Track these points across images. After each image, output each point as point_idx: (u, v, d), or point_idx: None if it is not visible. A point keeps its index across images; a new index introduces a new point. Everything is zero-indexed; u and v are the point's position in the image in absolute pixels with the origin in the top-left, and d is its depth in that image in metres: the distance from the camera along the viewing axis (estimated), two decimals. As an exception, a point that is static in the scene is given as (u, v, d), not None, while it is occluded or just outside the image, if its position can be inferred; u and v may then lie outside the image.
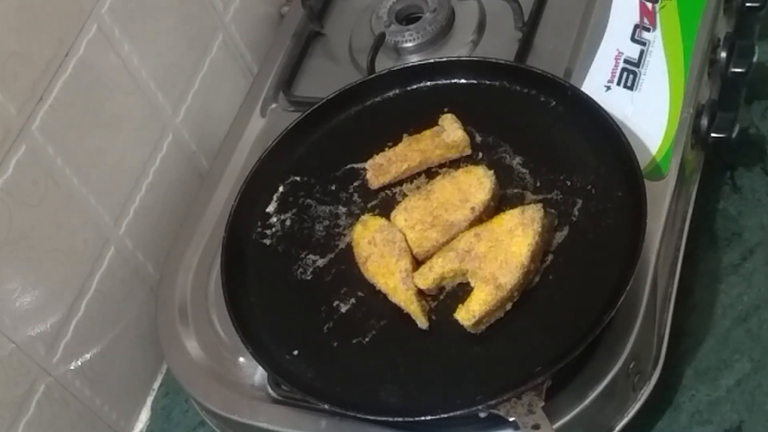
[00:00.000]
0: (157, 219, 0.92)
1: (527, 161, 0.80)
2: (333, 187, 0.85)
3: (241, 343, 0.75)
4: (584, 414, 0.70)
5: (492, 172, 0.78)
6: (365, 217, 0.80)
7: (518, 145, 0.81)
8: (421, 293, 0.74)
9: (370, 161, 0.83)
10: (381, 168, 0.82)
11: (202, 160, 0.98)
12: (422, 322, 0.73)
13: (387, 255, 0.76)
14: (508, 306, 0.72)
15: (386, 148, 0.84)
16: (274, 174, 0.86)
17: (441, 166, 0.82)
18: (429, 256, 0.76)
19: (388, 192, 0.83)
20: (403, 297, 0.74)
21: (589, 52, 0.86)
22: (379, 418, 0.71)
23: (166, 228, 0.92)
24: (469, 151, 0.82)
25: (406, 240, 0.77)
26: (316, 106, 0.88)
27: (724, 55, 0.90)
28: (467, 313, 0.71)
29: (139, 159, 0.90)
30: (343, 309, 0.76)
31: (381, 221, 0.79)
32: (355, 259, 0.78)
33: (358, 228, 0.79)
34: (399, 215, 0.78)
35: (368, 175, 0.83)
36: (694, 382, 0.79)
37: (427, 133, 0.83)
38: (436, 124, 0.83)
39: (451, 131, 0.82)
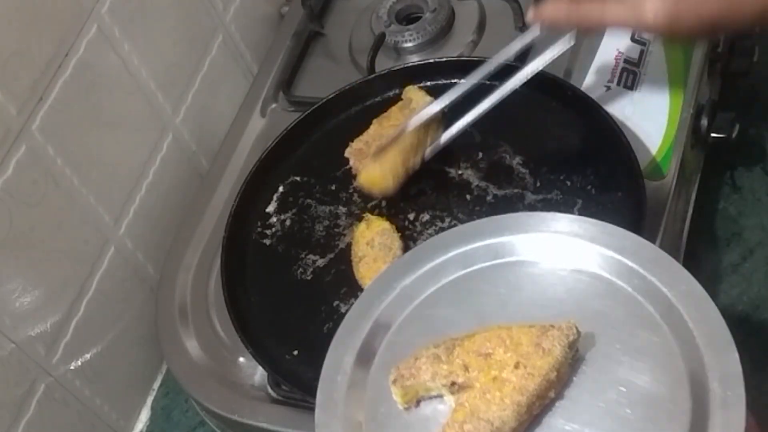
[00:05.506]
0: (157, 219, 0.92)
1: (527, 161, 0.80)
2: (333, 187, 0.85)
3: (241, 343, 0.75)
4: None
5: None
6: (372, 216, 0.80)
7: (518, 145, 0.81)
8: None
9: (348, 149, 0.82)
10: (361, 152, 0.81)
11: (202, 160, 0.98)
12: None
13: (380, 260, 0.75)
14: None
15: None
16: (274, 174, 0.86)
17: None
18: None
19: (387, 192, 0.83)
20: None
21: (589, 52, 0.86)
22: (379, 418, 0.71)
23: (166, 228, 0.92)
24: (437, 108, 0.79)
25: (402, 249, 0.76)
26: (316, 106, 0.88)
27: (724, 55, 0.90)
28: None
29: (139, 159, 0.90)
30: (343, 309, 0.76)
31: (384, 224, 0.78)
32: (354, 259, 0.78)
33: (362, 226, 0.79)
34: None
35: (351, 163, 0.82)
36: (694, 382, 0.79)
37: (394, 109, 0.83)
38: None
39: (417, 98, 0.82)
